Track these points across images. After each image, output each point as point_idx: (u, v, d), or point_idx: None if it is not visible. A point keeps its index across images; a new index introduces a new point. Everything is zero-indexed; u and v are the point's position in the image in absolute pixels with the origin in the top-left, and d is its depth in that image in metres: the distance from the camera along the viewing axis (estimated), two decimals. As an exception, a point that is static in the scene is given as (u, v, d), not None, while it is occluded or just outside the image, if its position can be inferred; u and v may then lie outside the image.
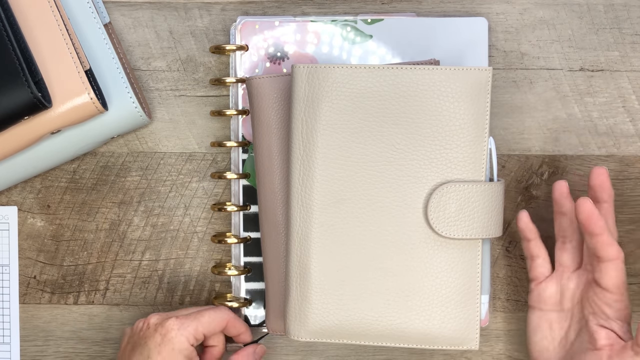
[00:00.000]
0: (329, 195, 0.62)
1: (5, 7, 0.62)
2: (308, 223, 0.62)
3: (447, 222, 0.61)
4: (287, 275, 0.63)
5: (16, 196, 0.71)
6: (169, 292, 0.72)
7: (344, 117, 0.61)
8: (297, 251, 0.62)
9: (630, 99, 0.69)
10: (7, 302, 0.72)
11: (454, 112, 0.61)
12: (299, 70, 0.62)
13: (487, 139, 0.61)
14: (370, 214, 0.62)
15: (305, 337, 0.63)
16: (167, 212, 0.71)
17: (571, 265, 0.64)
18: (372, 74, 0.61)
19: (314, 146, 0.62)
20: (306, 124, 0.62)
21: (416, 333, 0.62)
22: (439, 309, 0.62)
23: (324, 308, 0.62)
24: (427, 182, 0.61)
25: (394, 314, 0.62)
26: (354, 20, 0.68)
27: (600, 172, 0.62)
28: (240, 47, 0.68)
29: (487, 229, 0.61)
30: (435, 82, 0.61)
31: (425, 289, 0.62)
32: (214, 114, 0.68)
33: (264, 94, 0.65)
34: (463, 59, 0.67)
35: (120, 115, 0.67)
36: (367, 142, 0.61)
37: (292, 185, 0.62)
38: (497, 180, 0.63)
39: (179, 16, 0.70)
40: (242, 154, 0.69)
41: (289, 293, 0.63)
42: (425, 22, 0.67)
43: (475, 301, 0.62)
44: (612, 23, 0.69)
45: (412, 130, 0.61)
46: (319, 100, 0.61)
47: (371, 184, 0.62)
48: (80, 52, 0.64)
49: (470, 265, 0.62)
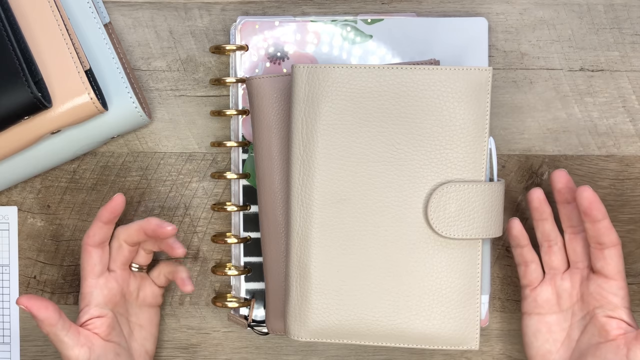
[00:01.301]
0: (329, 195, 0.62)
1: (5, 7, 0.62)
2: (308, 223, 0.62)
3: (447, 222, 0.61)
4: (287, 275, 0.63)
5: (16, 196, 0.71)
6: (168, 292, 0.72)
7: (344, 117, 0.61)
8: (297, 251, 0.62)
9: (630, 99, 0.69)
10: (7, 302, 0.72)
11: (454, 112, 0.61)
12: (299, 70, 0.62)
13: (487, 138, 0.61)
14: (370, 214, 0.62)
15: (306, 337, 0.63)
16: (167, 212, 0.71)
17: (561, 267, 0.64)
18: (372, 73, 0.61)
19: (314, 146, 0.62)
20: (306, 124, 0.62)
21: (416, 333, 0.62)
22: (439, 309, 0.62)
23: (324, 308, 0.62)
24: (427, 182, 0.61)
25: (393, 314, 0.62)
26: (354, 20, 0.67)
27: (562, 174, 0.63)
28: (240, 47, 0.68)
29: (487, 229, 0.61)
30: (435, 82, 0.61)
31: (425, 289, 0.62)
32: (214, 113, 0.68)
33: (264, 94, 0.65)
34: (463, 59, 0.67)
35: (120, 115, 0.67)
36: (367, 142, 0.61)
37: (292, 185, 0.62)
38: (497, 180, 0.63)
39: (179, 16, 0.70)
40: (242, 154, 0.69)
41: (289, 293, 0.63)
42: (425, 22, 0.67)
43: (475, 301, 0.62)
44: (612, 23, 0.69)
45: (412, 130, 0.61)
46: (319, 100, 0.61)
47: (371, 183, 0.62)
48: (80, 52, 0.64)
49: (470, 266, 0.62)
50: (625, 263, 0.65)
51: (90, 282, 0.64)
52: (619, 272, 0.62)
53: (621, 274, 0.62)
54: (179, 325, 0.72)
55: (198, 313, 0.71)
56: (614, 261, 0.61)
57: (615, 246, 0.61)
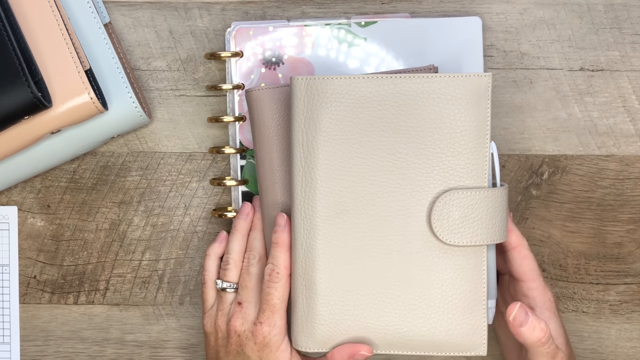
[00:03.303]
0: (332, 207, 0.61)
1: (5, 7, 0.62)
2: (312, 235, 0.62)
3: (451, 229, 0.60)
4: (292, 286, 0.63)
5: (16, 196, 0.71)
6: (169, 292, 0.72)
7: (344, 128, 0.61)
8: (302, 263, 0.62)
9: (630, 99, 0.69)
10: (7, 302, 0.72)
11: (454, 119, 0.60)
12: (297, 82, 0.61)
13: (489, 144, 0.61)
14: (374, 224, 0.61)
15: (313, 348, 0.62)
16: (167, 212, 0.71)
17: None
18: (371, 83, 0.61)
19: (315, 157, 0.61)
20: (306, 136, 0.61)
21: (424, 341, 0.62)
22: (446, 316, 0.61)
23: (331, 318, 0.62)
24: (430, 190, 0.61)
25: (400, 322, 0.62)
26: (347, 23, 0.67)
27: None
28: (235, 53, 0.67)
29: (492, 234, 0.61)
30: (434, 89, 0.60)
31: (431, 296, 0.61)
32: (211, 120, 0.68)
33: (263, 105, 0.64)
34: (458, 59, 0.67)
35: (120, 115, 0.67)
36: (368, 151, 0.61)
37: (294, 197, 0.62)
38: (500, 185, 0.63)
39: (179, 16, 0.70)
40: (240, 160, 0.69)
41: (295, 304, 0.63)
42: (419, 23, 0.67)
43: (482, 307, 0.61)
44: (612, 23, 0.69)
45: (413, 139, 0.61)
46: (318, 112, 0.61)
47: (374, 193, 0.61)
48: (80, 52, 0.64)
49: (475, 272, 0.61)
50: (625, 263, 0.65)
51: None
52: (525, 273, 0.63)
53: (527, 275, 0.62)
54: (179, 325, 0.72)
55: (198, 313, 0.71)
56: (516, 262, 0.63)
57: (514, 248, 0.62)
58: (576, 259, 0.71)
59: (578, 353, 0.71)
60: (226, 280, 0.65)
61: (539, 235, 0.70)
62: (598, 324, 0.71)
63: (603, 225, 0.70)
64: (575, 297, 0.71)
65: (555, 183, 0.70)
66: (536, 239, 0.70)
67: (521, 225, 0.70)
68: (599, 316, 0.71)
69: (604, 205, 0.70)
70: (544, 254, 0.71)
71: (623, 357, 0.71)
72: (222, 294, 0.65)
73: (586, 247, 0.70)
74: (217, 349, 0.64)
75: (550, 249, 0.70)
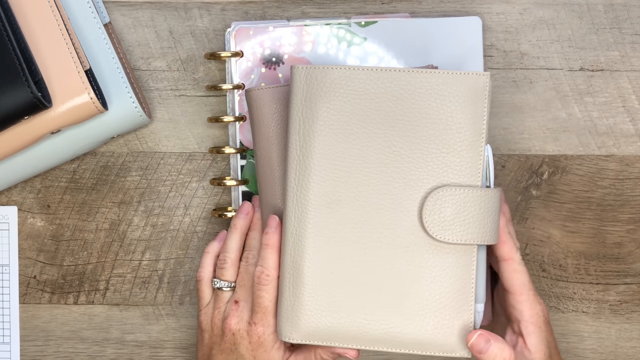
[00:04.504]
0: (325, 196, 0.61)
1: (5, 7, 0.62)
2: (303, 223, 0.62)
3: (442, 225, 0.60)
4: (280, 275, 0.63)
5: (16, 196, 0.71)
6: (169, 292, 0.72)
7: (341, 118, 0.61)
8: (291, 251, 0.62)
9: (630, 99, 0.69)
10: (7, 302, 0.72)
11: (450, 116, 0.60)
12: (297, 70, 0.61)
13: (485, 143, 0.61)
14: (366, 216, 0.61)
15: (297, 339, 0.62)
16: (167, 212, 0.71)
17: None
18: (370, 75, 0.61)
19: (310, 146, 0.61)
20: (304, 124, 0.61)
21: (408, 338, 0.61)
22: (433, 314, 0.61)
23: (316, 309, 0.62)
24: (423, 185, 0.61)
25: (386, 318, 0.61)
26: (347, 23, 0.67)
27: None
28: (235, 53, 0.67)
29: (483, 235, 0.60)
30: (432, 85, 0.60)
31: (419, 293, 0.61)
32: (211, 120, 0.68)
33: (263, 105, 0.64)
34: (458, 59, 0.67)
35: (120, 115, 0.67)
36: (363, 143, 0.61)
37: (288, 184, 0.62)
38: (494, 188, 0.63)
39: (179, 16, 0.70)
40: (241, 160, 0.69)
41: (282, 293, 0.62)
42: (419, 23, 0.67)
43: (469, 308, 0.61)
44: (612, 23, 0.69)
45: (409, 133, 0.61)
46: (316, 101, 0.61)
47: (367, 185, 0.61)
48: (80, 52, 0.64)
49: (465, 272, 0.61)
50: (625, 263, 0.65)
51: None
52: (513, 287, 0.61)
53: (516, 288, 0.61)
54: (179, 325, 0.72)
55: (198, 313, 0.72)
56: (506, 274, 0.61)
57: (505, 260, 0.61)
58: (576, 259, 0.71)
59: (578, 353, 0.71)
60: (223, 279, 0.65)
61: (538, 235, 0.70)
62: (598, 324, 0.71)
63: (603, 225, 0.70)
64: (575, 297, 0.71)
65: (555, 183, 0.70)
66: (536, 239, 0.70)
67: (521, 225, 0.70)
68: (599, 316, 0.71)
69: (603, 205, 0.70)
70: (544, 254, 0.71)
71: (623, 357, 0.71)
72: (219, 292, 0.65)
73: (586, 247, 0.70)
74: (210, 346, 0.64)
75: (550, 249, 0.70)
